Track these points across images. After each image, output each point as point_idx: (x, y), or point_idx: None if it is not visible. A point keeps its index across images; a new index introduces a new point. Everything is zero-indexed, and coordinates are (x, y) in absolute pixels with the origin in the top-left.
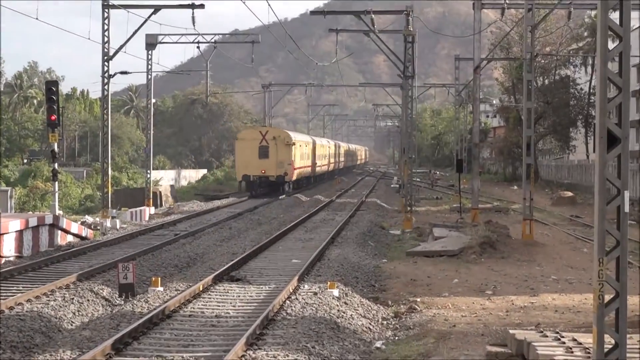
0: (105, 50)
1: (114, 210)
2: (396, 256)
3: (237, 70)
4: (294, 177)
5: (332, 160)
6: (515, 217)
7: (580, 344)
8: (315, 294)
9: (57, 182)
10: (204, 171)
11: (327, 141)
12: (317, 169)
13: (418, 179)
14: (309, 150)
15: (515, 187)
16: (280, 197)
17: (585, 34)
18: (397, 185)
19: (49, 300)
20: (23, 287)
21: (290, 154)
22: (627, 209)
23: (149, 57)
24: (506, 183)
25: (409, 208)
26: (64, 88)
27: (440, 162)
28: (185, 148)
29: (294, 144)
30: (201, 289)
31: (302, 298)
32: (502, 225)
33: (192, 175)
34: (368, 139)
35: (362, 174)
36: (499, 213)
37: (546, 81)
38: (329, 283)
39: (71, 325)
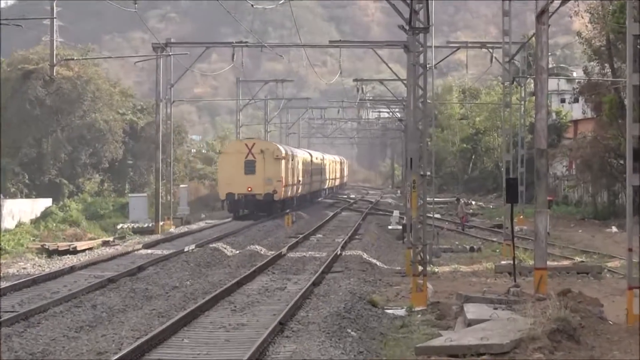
0: None
1: None
2: (398, 355)
3: (108, 19)
4: (283, 196)
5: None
6: (613, 283)
7: None
8: None
9: None
10: (47, 202)
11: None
12: (302, 188)
13: (438, 215)
14: (295, 165)
15: (615, 229)
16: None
17: None
18: (399, 227)
19: None
20: None
21: (280, 169)
22: None
23: None
24: (598, 221)
25: (420, 268)
26: None
27: (478, 184)
28: (14, 160)
29: (284, 157)
30: None
31: None
32: (591, 298)
33: (25, 210)
34: (346, 142)
35: (335, 205)
36: (585, 277)
37: None
38: None
39: None
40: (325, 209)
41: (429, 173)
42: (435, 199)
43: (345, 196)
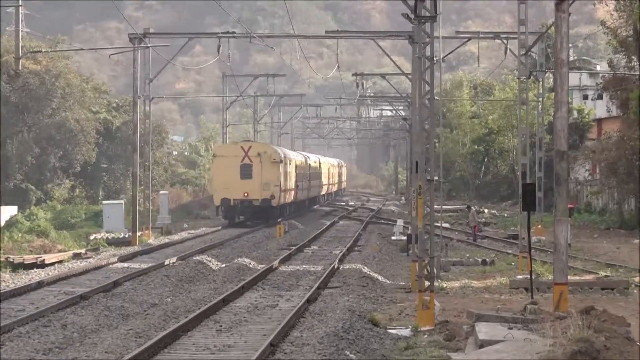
0: None
1: None
2: None
3: (80, 7)
4: (281, 201)
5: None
6: None
7: None
8: None
9: None
10: (13, 210)
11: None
12: (302, 192)
13: (447, 224)
14: (292, 169)
15: None
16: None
17: None
18: (404, 238)
19: None
20: None
21: (278, 173)
22: None
23: None
24: (625, 231)
25: (427, 283)
26: None
27: (491, 190)
28: None
29: (281, 161)
30: None
31: None
32: (616, 317)
33: None
34: (345, 144)
35: (332, 213)
36: (610, 293)
37: None
38: None
39: None
40: (322, 218)
41: (436, 178)
42: (443, 207)
43: (344, 203)
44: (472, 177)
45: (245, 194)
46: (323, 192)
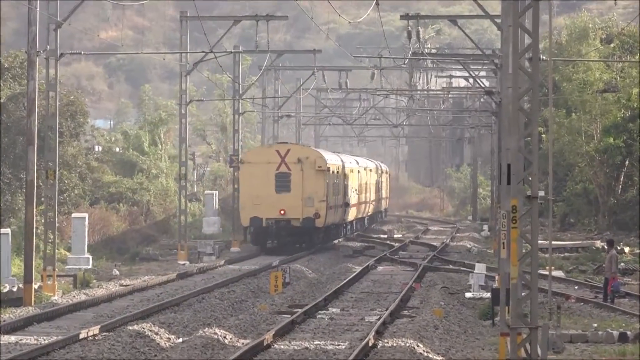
0: None
1: None
2: None
3: None
4: (329, 222)
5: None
6: None
7: None
8: None
9: None
10: None
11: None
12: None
13: (560, 273)
14: (340, 179)
15: None
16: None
17: None
18: (487, 295)
19: None
20: None
21: (323, 184)
22: None
23: None
24: None
25: None
26: None
27: (637, 215)
28: None
29: (328, 169)
30: None
31: None
32: None
33: None
34: (388, 135)
35: (365, 252)
36: None
37: None
38: None
39: None
40: (346, 260)
41: (543, 193)
42: (554, 242)
43: (385, 235)
44: (604, 193)
45: (282, 212)
46: (349, 217)
